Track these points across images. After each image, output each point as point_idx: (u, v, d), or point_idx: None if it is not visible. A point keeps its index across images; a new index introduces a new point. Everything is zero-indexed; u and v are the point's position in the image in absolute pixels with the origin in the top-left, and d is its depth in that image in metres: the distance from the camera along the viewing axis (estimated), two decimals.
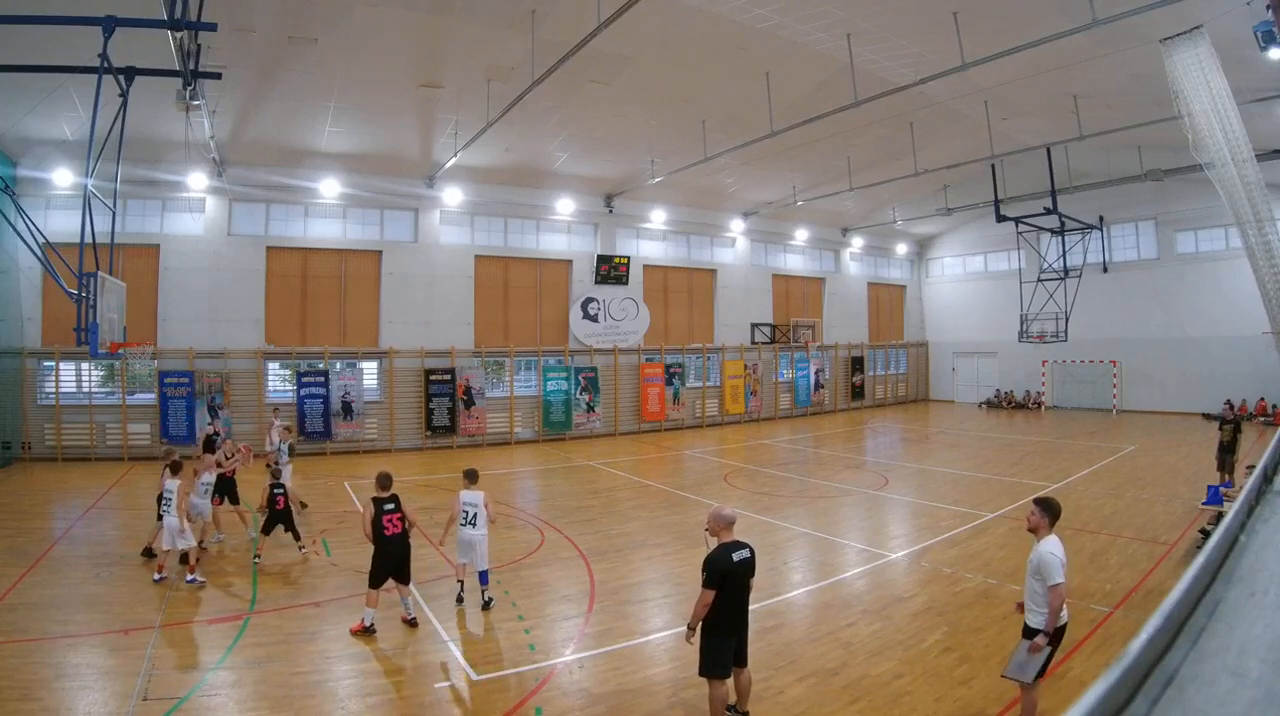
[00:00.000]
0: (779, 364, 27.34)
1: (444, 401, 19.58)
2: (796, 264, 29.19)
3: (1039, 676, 4.74)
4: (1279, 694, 1.26)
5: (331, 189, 18.53)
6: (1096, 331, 25.85)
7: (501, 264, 21.58)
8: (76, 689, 5.63)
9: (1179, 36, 11.55)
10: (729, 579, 4.87)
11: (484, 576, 7.48)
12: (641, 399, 23.25)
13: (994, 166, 21.41)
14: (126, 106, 9.14)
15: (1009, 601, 7.18)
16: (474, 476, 7.75)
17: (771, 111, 15.25)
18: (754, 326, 26.84)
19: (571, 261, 22.64)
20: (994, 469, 15.69)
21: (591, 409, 21.91)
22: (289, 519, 9.23)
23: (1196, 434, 19.98)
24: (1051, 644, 4.73)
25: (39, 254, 9.77)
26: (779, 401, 27.31)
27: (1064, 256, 23.44)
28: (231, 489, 10.27)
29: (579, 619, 7.22)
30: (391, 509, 6.99)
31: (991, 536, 10.08)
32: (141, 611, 7.26)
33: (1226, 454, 12.42)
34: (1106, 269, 26.44)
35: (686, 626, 5.03)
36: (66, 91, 12.49)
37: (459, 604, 7.46)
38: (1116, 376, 26.63)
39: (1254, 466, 3.59)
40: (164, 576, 8.16)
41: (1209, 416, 22.47)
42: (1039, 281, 23.80)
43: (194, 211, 17.39)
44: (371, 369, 19.52)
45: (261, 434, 16.74)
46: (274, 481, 9.27)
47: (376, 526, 6.88)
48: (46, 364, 16.45)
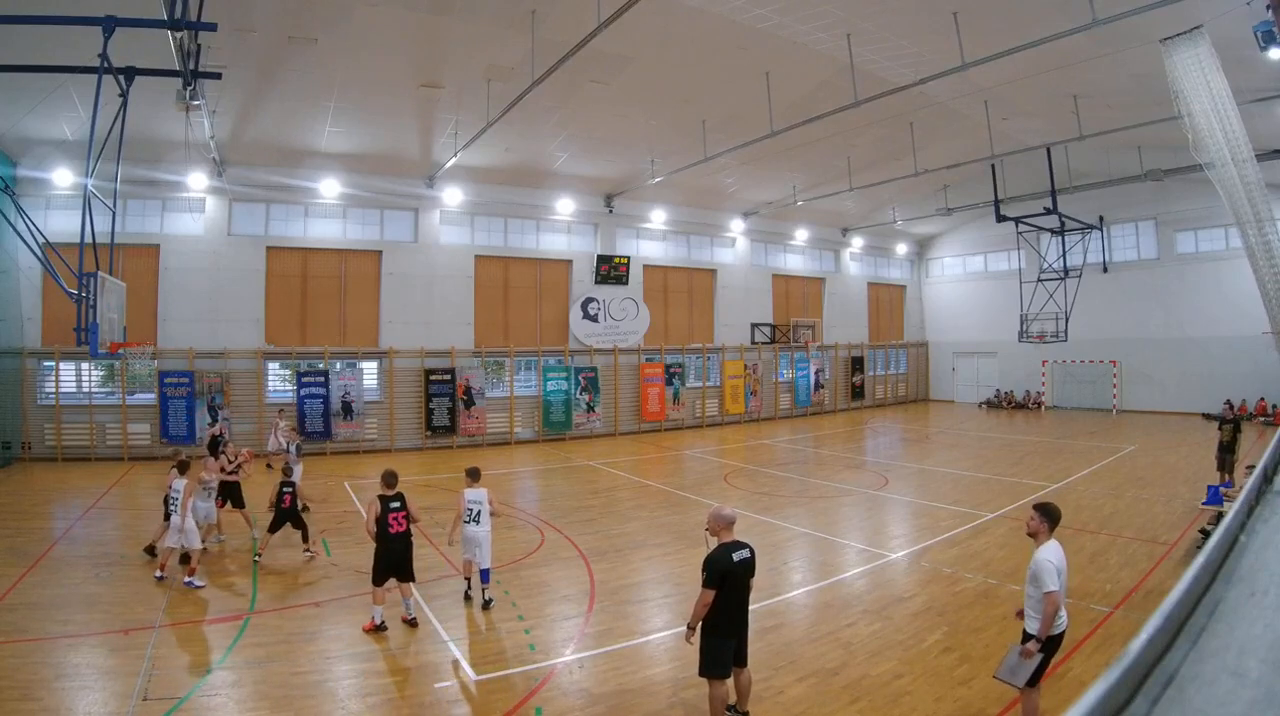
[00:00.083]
0: (779, 364, 27.33)
1: (444, 401, 19.58)
2: (796, 264, 29.18)
3: (1033, 682, 4.71)
4: (1279, 694, 1.26)
5: (331, 189, 18.53)
6: (1096, 331, 25.85)
7: (501, 264, 21.58)
8: (76, 689, 5.64)
9: (1179, 36, 11.55)
10: (729, 579, 4.87)
11: (485, 575, 7.52)
12: (641, 399, 23.25)
13: (994, 166, 21.40)
14: (126, 106, 9.14)
15: (1009, 601, 7.20)
16: (476, 474, 7.81)
17: (771, 111, 15.25)
18: (754, 326, 26.84)
19: (571, 261, 22.65)
20: (994, 469, 15.68)
21: (591, 409, 21.90)
22: (296, 517, 9.24)
23: (1196, 434, 19.98)
24: (1047, 651, 4.70)
25: (39, 254, 9.77)
26: (779, 401, 27.31)
27: (1064, 256, 23.43)
28: (235, 492, 10.29)
29: (579, 619, 7.23)
30: (397, 507, 7.01)
31: (991, 536, 10.08)
32: (141, 611, 7.27)
33: (1226, 454, 12.43)
34: (1106, 269, 26.44)
35: (686, 626, 5.03)
36: (66, 91, 12.49)
37: (467, 601, 7.53)
38: (1116, 376, 26.62)
39: (1254, 466, 3.59)
40: (164, 576, 8.18)
41: (1209, 416, 22.47)
42: (1039, 281, 23.79)
43: (194, 211, 17.39)
44: (371, 369, 19.52)
45: (261, 434, 16.82)
46: (285, 479, 9.30)
47: (381, 524, 6.90)
48: (46, 364, 16.45)
